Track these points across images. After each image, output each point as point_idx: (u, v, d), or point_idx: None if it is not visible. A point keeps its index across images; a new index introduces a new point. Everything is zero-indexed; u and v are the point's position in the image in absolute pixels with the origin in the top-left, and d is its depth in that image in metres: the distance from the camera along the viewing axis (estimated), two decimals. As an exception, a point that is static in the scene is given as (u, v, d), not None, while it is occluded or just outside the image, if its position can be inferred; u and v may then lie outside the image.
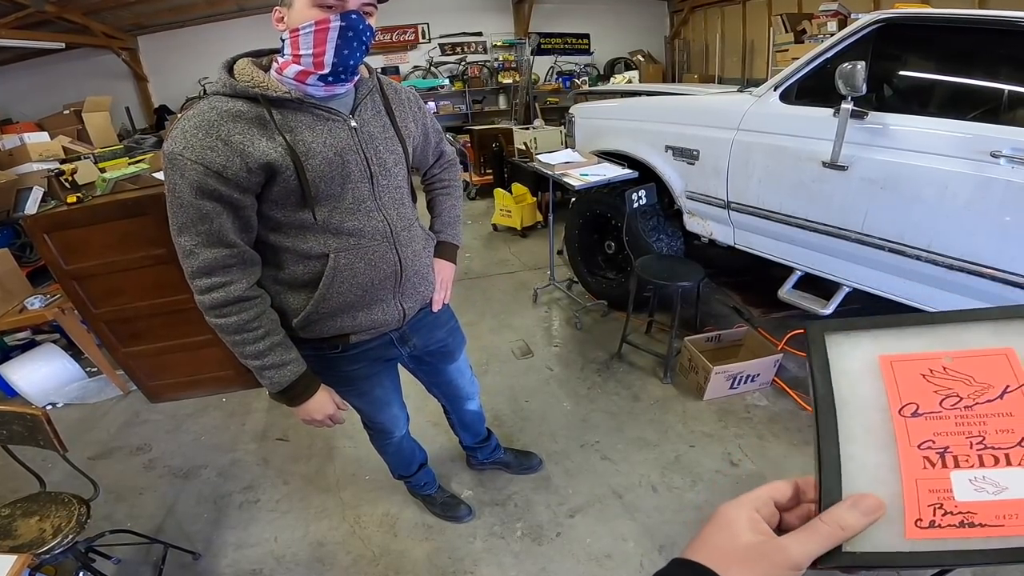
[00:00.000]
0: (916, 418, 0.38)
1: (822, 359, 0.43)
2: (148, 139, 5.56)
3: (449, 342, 1.58)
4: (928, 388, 0.39)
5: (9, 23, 5.49)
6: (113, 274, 2.45)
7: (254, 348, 1.13)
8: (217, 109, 1.00)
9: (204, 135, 0.98)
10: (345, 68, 1.01)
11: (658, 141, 2.79)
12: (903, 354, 0.41)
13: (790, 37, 5.80)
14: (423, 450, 1.96)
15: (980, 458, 0.35)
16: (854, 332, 0.43)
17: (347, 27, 0.97)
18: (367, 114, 1.13)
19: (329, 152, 1.06)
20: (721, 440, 2.26)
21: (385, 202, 1.17)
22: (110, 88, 7.28)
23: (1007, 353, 0.39)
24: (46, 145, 4.53)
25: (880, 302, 2.17)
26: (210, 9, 7.40)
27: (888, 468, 0.37)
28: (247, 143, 1.00)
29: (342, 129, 1.08)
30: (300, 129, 1.04)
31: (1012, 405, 0.37)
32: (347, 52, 0.99)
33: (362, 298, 1.21)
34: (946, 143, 1.78)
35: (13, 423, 1.66)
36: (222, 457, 2.46)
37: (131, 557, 1.97)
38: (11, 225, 3.68)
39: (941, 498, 0.35)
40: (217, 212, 1.02)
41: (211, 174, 0.98)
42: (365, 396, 1.49)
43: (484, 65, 8.74)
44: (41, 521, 1.63)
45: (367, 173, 1.13)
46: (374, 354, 1.37)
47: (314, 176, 1.06)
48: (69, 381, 3.07)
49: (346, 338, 1.27)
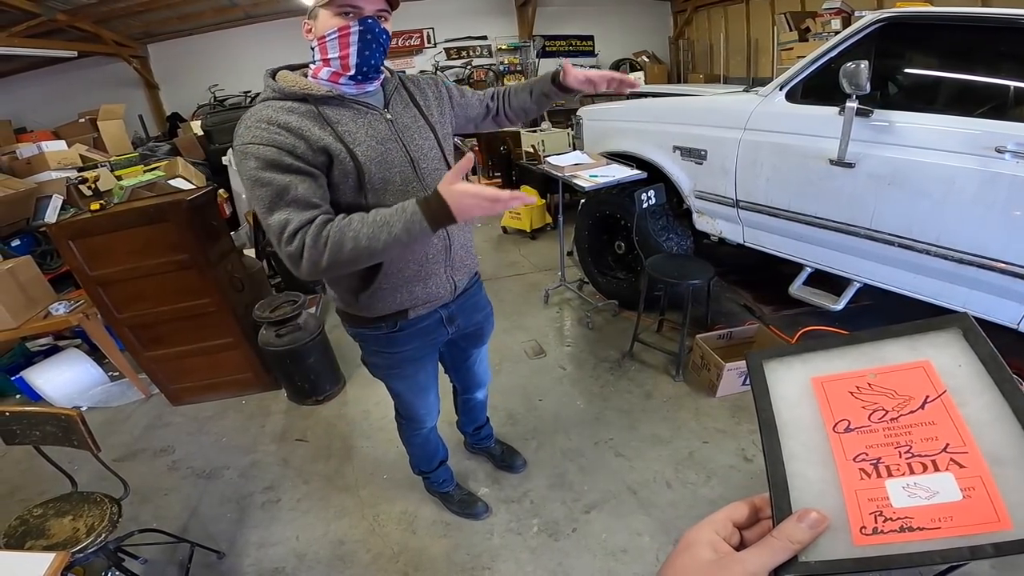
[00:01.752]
0: (849, 433, 0.41)
1: (762, 386, 0.46)
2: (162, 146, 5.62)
3: (484, 326, 1.71)
4: (857, 404, 0.42)
5: (21, 32, 5.56)
6: (135, 279, 2.51)
7: (363, 231, 1.05)
8: (272, 107, 1.12)
9: (267, 126, 1.09)
10: (368, 68, 1.15)
11: (666, 142, 2.82)
12: (832, 374, 0.44)
13: (794, 35, 5.81)
14: (445, 448, 2.03)
15: (910, 466, 0.38)
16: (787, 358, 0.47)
17: (365, 31, 1.11)
18: (398, 107, 1.27)
19: (372, 141, 1.19)
20: (734, 436, 2.29)
21: (429, 183, 1.26)
22: (121, 96, 7.38)
23: (924, 366, 0.42)
24: (64, 153, 4.59)
25: (891, 297, 2.19)
26: (218, 17, 7.50)
27: (830, 482, 0.39)
28: (305, 129, 1.10)
29: (380, 121, 1.22)
30: (344, 122, 1.16)
31: (933, 414, 0.39)
32: (367, 53, 1.14)
33: (418, 272, 1.33)
34: (952, 139, 1.80)
35: (47, 424, 1.70)
36: (243, 458, 2.52)
37: (157, 557, 2.02)
38: (31, 233, 3.74)
39: (880, 506, 0.37)
40: (297, 181, 1.08)
41: (283, 152, 1.08)
42: (410, 379, 1.59)
43: (490, 68, 8.79)
44: (74, 520, 1.66)
45: (408, 158, 1.24)
46: (426, 334, 1.47)
47: (365, 160, 1.17)
48: (92, 385, 3.14)
49: (404, 314, 1.38)
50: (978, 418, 0.38)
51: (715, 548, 0.39)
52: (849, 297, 2.27)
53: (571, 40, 8.99)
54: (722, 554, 0.39)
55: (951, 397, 0.39)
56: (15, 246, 3.57)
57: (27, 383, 3.05)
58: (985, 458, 0.36)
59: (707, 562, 0.38)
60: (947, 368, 0.41)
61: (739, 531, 0.42)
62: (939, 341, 0.43)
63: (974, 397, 0.39)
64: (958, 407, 0.39)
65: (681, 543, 0.41)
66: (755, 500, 0.43)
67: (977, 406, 0.39)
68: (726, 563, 0.38)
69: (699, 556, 0.39)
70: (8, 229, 3.60)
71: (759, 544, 0.38)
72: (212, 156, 5.55)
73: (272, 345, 2.64)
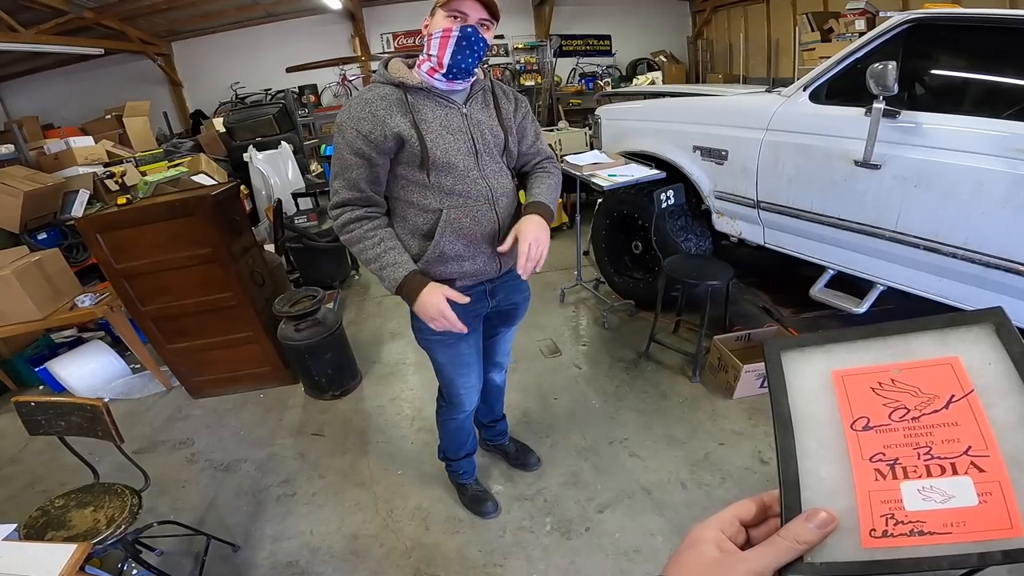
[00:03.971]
0: (867, 432, 0.39)
1: (779, 377, 0.44)
2: (185, 143, 5.71)
3: (521, 306, 1.78)
4: (878, 401, 0.40)
5: (49, 29, 5.71)
6: (160, 273, 2.55)
7: (372, 252, 1.40)
8: (373, 91, 1.36)
9: (360, 109, 1.33)
10: (458, 70, 1.30)
11: (686, 142, 2.80)
12: (854, 368, 0.43)
13: (817, 36, 5.72)
14: (476, 440, 2.09)
15: (927, 468, 0.37)
16: (808, 348, 0.45)
17: (462, 37, 1.26)
18: (476, 105, 1.42)
19: (443, 130, 1.36)
20: (751, 438, 2.26)
21: (488, 173, 1.43)
22: (146, 93, 7.53)
23: (952, 362, 0.40)
24: (91, 149, 4.69)
25: (914, 300, 2.15)
26: (240, 15, 7.61)
27: (843, 481, 0.38)
28: (387, 116, 1.32)
29: (456, 114, 1.38)
30: (425, 111, 1.35)
31: (957, 415, 0.38)
32: (460, 57, 1.28)
33: (467, 248, 1.46)
34: (979, 141, 1.76)
35: (73, 414, 1.74)
36: (260, 451, 2.55)
37: (173, 549, 2.04)
38: (58, 227, 3.84)
39: (892, 508, 0.36)
40: (357, 166, 1.36)
41: (360, 136, 1.32)
42: (453, 349, 1.65)
43: (506, 68, 8.79)
44: (95, 512, 1.67)
45: (473, 149, 1.41)
46: (471, 305, 1.51)
47: (431, 145, 1.35)
48: (115, 377, 3.20)
49: (452, 283, 1.49)
50: (1004, 420, 0.37)
51: (720, 546, 0.39)
52: (872, 300, 2.23)
53: (588, 40, 8.97)
54: (727, 552, 0.39)
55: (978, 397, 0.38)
56: (42, 239, 3.66)
57: (51, 374, 3.13)
58: (1006, 462, 0.35)
59: (712, 560, 0.38)
60: (976, 366, 0.39)
61: (745, 529, 0.42)
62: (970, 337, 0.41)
63: (1002, 398, 0.37)
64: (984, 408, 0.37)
65: (687, 540, 0.41)
66: (763, 498, 0.43)
67: (1004, 407, 0.37)
68: (731, 562, 0.38)
69: (704, 554, 0.39)
70: (36, 223, 3.68)
71: (765, 543, 0.37)
72: (234, 152, 5.63)
73: (291, 339, 2.68)
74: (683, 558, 0.40)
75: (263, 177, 5.07)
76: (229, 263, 2.53)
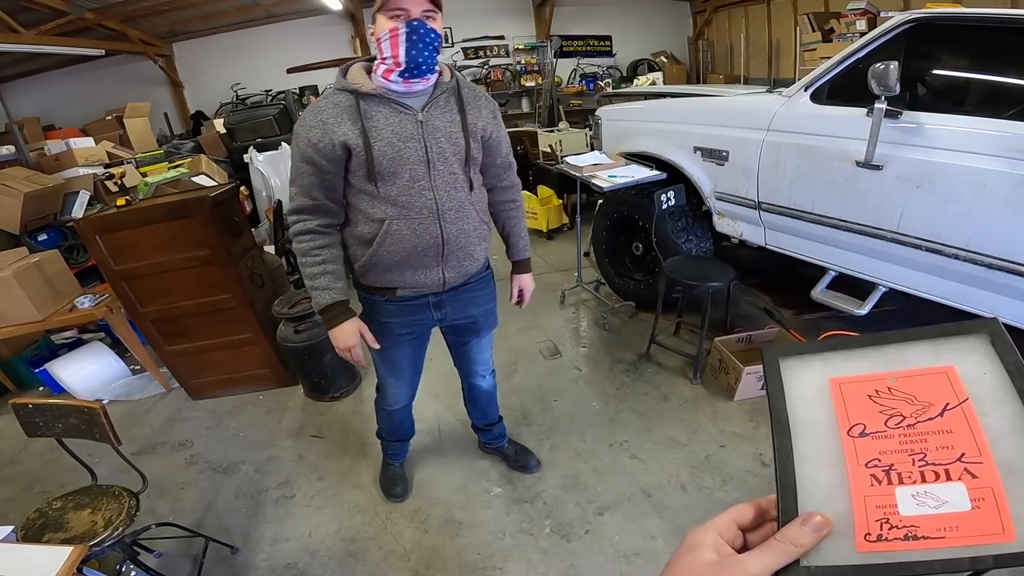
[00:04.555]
0: (863, 438, 0.40)
1: (777, 383, 0.45)
2: (186, 144, 5.71)
3: (480, 321, 1.77)
4: (874, 408, 0.41)
5: (50, 30, 5.71)
6: (159, 274, 2.55)
7: (311, 270, 1.46)
8: (328, 99, 1.36)
9: (312, 117, 1.36)
10: (416, 65, 1.29)
11: (686, 142, 2.79)
12: (851, 376, 0.43)
13: (817, 36, 5.71)
14: (411, 431, 2.18)
15: (922, 474, 0.37)
16: (806, 356, 0.46)
17: (411, 31, 1.25)
18: (436, 111, 1.38)
19: (394, 138, 1.34)
20: (752, 440, 2.25)
21: (438, 184, 1.40)
22: (147, 94, 7.53)
23: (947, 371, 0.41)
24: (91, 150, 4.69)
25: (916, 302, 2.14)
26: (240, 16, 7.60)
27: (839, 486, 0.39)
28: (336, 125, 1.33)
29: (410, 121, 1.35)
30: (378, 117, 1.34)
31: (951, 422, 0.38)
32: (415, 52, 1.27)
33: (408, 260, 1.46)
34: (982, 141, 1.75)
35: (70, 416, 1.73)
36: (260, 453, 2.54)
37: (171, 550, 2.04)
38: (59, 228, 3.84)
39: (887, 513, 0.36)
40: (308, 173, 1.39)
41: (311, 145, 1.35)
42: (387, 353, 1.71)
43: (507, 68, 8.79)
44: (93, 514, 1.67)
45: (425, 158, 1.37)
46: (412, 312, 1.61)
47: (378, 154, 1.34)
48: (115, 378, 3.20)
49: (393, 291, 1.55)
50: (997, 428, 0.37)
51: (718, 550, 0.39)
52: (874, 302, 2.22)
53: (589, 40, 8.95)
54: (725, 556, 0.39)
55: (972, 405, 0.39)
56: (42, 240, 3.66)
57: (51, 375, 3.13)
58: (999, 469, 0.36)
59: (709, 563, 0.38)
60: (971, 375, 0.40)
61: (743, 533, 0.42)
62: (965, 347, 0.41)
63: (995, 406, 0.38)
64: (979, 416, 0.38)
65: (684, 544, 0.41)
66: (760, 502, 0.43)
67: (997, 416, 0.38)
68: (728, 565, 0.38)
69: (701, 558, 0.39)
70: (36, 224, 3.69)
71: (762, 547, 0.38)
72: (234, 153, 5.62)
73: (290, 341, 2.67)
74: (681, 562, 0.40)
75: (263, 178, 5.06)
76: (228, 264, 2.53)
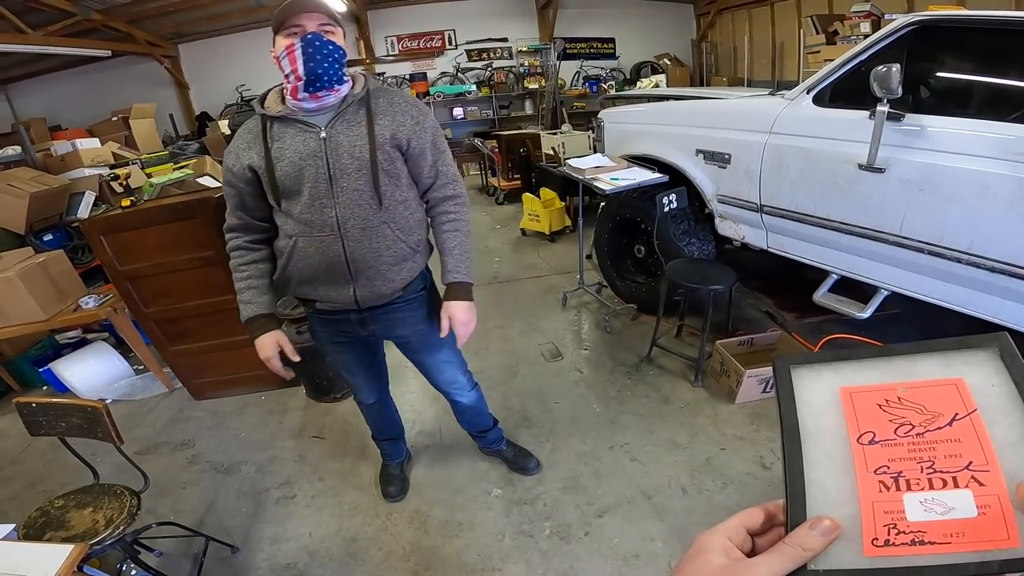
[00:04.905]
0: (873, 446, 0.40)
1: (788, 392, 0.46)
2: (191, 145, 5.73)
3: (414, 342, 1.76)
4: (884, 417, 0.42)
5: (57, 31, 5.76)
6: (163, 275, 2.57)
7: (238, 285, 1.55)
8: (246, 125, 1.43)
9: (231, 145, 1.45)
10: (317, 76, 1.29)
11: (688, 145, 2.79)
12: (861, 385, 0.44)
13: (821, 38, 5.70)
14: (398, 429, 2.20)
15: (930, 481, 0.38)
16: (817, 365, 0.46)
17: (306, 44, 1.27)
18: (341, 126, 1.37)
19: (295, 157, 1.36)
20: (753, 443, 2.24)
21: (341, 201, 1.39)
22: (153, 95, 7.58)
23: (957, 383, 0.41)
24: (97, 151, 4.72)
25: (920, 306, 2.13)
26: (245, 17, 7.64)
27: (848, 492, 0.39)
28: (246, 150, 1.40)
29: (314, 139, 1.35)
30: (285, 139, 1.37)
31: (960, 432, 0.39)
32: (313, 64, 1.28)
33: (317, 276, 1.49)
34: (984, 144, 1.75)
35: (73, 415, 1.74)
36: (261, 454, 2.55)
37: (172, 550, 2.04)
38: (64, 228, 3.86)
39: (895, 518, 0.37)
40: (231, 195, 1.49)
41: (228, 170, 1.45)
42: (332, 358, 1.87)
43: (510, 70, 8.82)
44: (94, 512, 1.68)
45: (327, 175, 1.37)
46: (337, 326, 1.67)
47: (281, 175, 1.37)
48: (118, 378, 3.22)
49: (313, 303, 1.61)
50: (1004, 438, 0.38)
51: (728, 554, 0.39)
52: (876, 305, 2.21)
53: (592, 42, 8.99)
54: (735, 560, 0.39)
55: (980, 416, 0.39)
56: (48, 240, 3.68)
57: (55, 375, 3.15)
58: (1005, 477, 0.36)
59: (719, 567, 0.38)
60: (980, 387, 0.41)
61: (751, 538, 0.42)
62: (974, 360, 0.42)
63: (1003, 416, 0.39)
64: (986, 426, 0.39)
65: (693, 547, 0.41)
66: (769, 507, 0.43)
67: (1005, 425, 0.38)
68: (738, 569, 0.38)
69: (711, 561, 0.39)
70: (42, 224, 3.71)
71: (771, 550, 0.38)
72: (238, 155, 5.64)
73: (292, 342, 2.65)
74: (690, 566, 0.40)
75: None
76: (231, 265, 2.54)
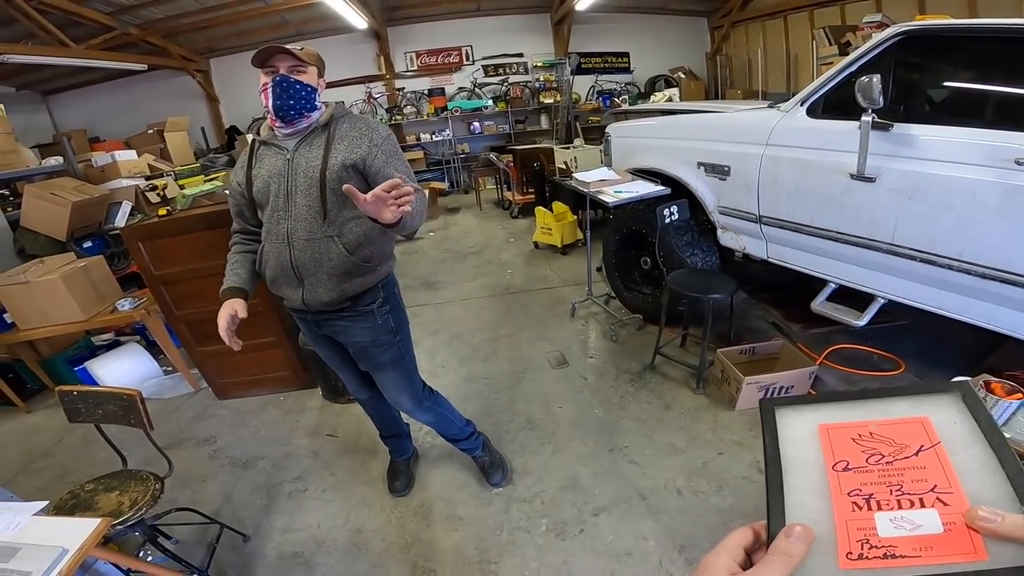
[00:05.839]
0: (847, 472, 0.45)
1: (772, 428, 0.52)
2: (220, 158, 6.01)
3: (355, 352, 1.85)
4: (857, 448, 0.46)
5: (98, 44, 6.06)
6: (195, 280, 2.75)
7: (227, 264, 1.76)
8: (245, 149, 1.67)
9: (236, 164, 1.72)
10: (284, 112, 1.51)
11: (690, 158, 2.87)
12: (838, 423, 0.50)
13: (834, 50, 5.71)
14: (401, 425, 2.30)
15: (899, 502, 0.42)
16: (799, 406, 0.53)
17: (274, 85, 1.49)
18: (303, 149, 1.57)
19: (267, 175, 1.59)
20: (751, 448, 2.28)
21: (293, 214, 1.58)
22: (185, 108, 7.87)
23: (923, 421, 0.47)
24: (134, 163, 4.97)
25: (921, 314, 2.14)
26: (272, 33, 7.89)
27: (823, 512, 0.43)
28: (240, 169, 1.68)
29: (282, 160, 1.58)
30: (265, 159, 1.61)
31: (925, 461, 0.44)
32: (279, 102, 1.50)
33: (278, 277, 1.67)
34: (972, 151, 1.78)
35: (110, 403, 1.90)
36: (277, 450, 2.68)
37: (187, 537, 2.17)
38: (103, 236, 4.10)
39: (867, 535, 0.40)
40: (232, 204, 1.76)
41: (231, 184, 1.73)
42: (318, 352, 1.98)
43: (526, 86, 8.94)
44: (120, 495, 1.81)
45: (286, 191, 1.58)
46: (304, 324, 1.85)
47: (256, 191, 1.62)
48: (148, 377, 3.41)
49: (282, 301, 1.78)
50: (966, 466, 0.42)
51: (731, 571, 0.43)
52: (872, 313, 2.24)
53: (606, 57, 9.06)
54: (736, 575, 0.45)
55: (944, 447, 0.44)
56: (87, 247, 3.92)
57: (89, 373, 3.34)
58: (968, 499, 0.40)
59: None
60: (943, 424, 0.46)
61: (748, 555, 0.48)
62: (940, 402, 0.47)
63: (965, 448, 0.43)
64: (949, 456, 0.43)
65: (699, 569, 0.46)
66: (754, 526, 0.48)
67: (966, 456, 0.43)
68: None
69: None
70: (82, 232, 3.95)
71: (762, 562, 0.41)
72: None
73: (310, 345, 2.80)
74: None
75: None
76: (256, 271, 2.70)
